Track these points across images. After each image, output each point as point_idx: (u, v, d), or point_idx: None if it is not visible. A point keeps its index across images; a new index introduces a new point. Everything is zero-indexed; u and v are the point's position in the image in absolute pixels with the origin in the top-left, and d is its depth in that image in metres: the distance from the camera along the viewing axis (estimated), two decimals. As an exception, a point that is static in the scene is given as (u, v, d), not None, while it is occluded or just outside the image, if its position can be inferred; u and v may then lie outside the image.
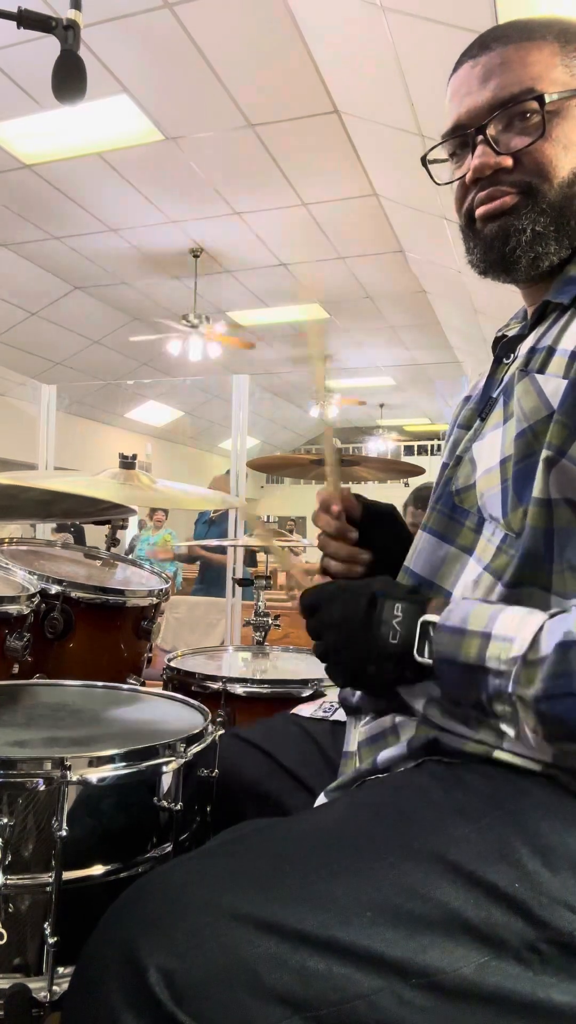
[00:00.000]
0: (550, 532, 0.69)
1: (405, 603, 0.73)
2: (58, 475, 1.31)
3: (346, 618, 0.74)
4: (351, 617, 0.74)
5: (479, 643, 0.66)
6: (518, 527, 0.71)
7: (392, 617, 0.72)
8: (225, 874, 0.62)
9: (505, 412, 0.77)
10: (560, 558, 0.69)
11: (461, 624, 0.68)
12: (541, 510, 0.69)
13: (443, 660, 0.68)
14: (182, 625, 4.44)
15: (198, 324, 6.84)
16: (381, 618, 0.72)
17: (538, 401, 0.71)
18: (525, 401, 0.72)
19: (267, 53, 3.82)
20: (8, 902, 0.77)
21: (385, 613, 0.72)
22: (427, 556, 0.81)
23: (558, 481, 0.68)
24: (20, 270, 6.81)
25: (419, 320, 8.18)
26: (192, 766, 0.91)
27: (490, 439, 0.77)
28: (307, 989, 0.55)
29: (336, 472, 0.95)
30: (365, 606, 0.73)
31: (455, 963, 0.57)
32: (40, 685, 1.26)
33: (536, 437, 0.70)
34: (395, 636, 0.71)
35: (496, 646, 0.64)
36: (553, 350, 0.73)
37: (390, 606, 0.73)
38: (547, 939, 0.58)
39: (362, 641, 0.73)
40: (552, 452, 0.68)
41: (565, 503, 0.69)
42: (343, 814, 0.70)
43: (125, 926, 0.59)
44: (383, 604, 0.73)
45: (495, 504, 0.74)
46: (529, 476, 0.70)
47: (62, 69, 1.05)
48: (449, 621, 0.69)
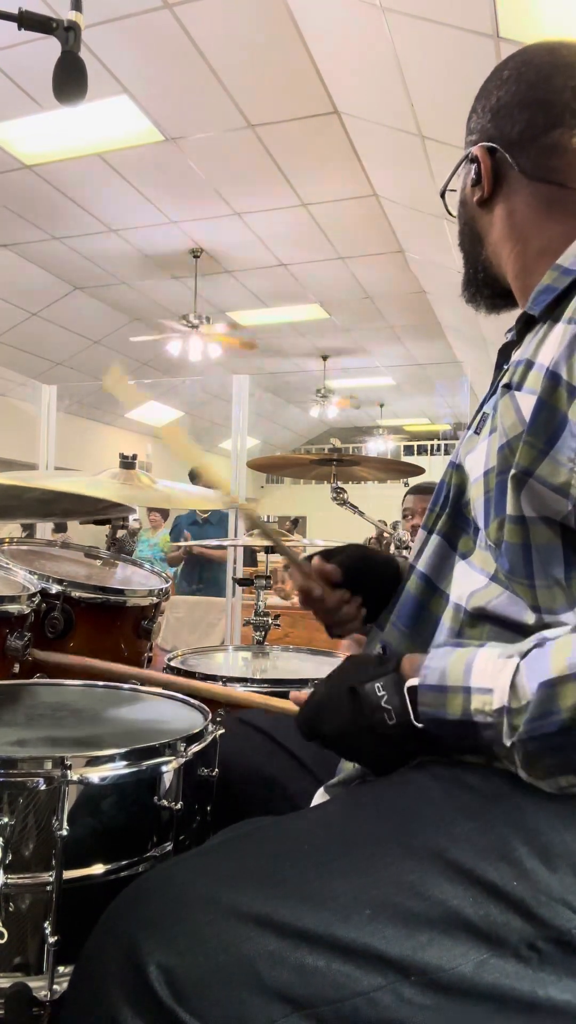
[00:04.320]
0: (527, 548, 0.69)
1: (383, 680, 0.72)
2: (58, 475, 1.32)
3: (340, 727, 0.73)
4: (344, 724, 0.73)
5: (462, 699, 0.65)
6: (495, 538, 0.72)
7: (378, 700, 0.71)
8: (225, 872, 0.62)
9: (492, 424, 0.77)
10: (545, 574, 0.68)
11: (441, 681, 0.67)
12: (516, 527, 0.69)
13: (433, 720, 0.68)
14: (182, 625, 4.44)
15: (198, 324, 6.84)
16: (370, 705, 0.71)
17: (515, 418, 0.71)
18: (505, 417, 0.72)
19: (267, 53, 3.82)
20: (9, 901, 0.77)
21: (371, 699, 0.71)
22: (433, 559, 0.82)
23: (530, 501, 0.68)
24: (20, 270, 6.81)
25: (419, 320, 8.18)
26: (192, 765, 0.91)
27: (479, 450, 0.78)
28: (307, 986, 0.55)
29: (291, 555, 0.94)
30: (350, 705, 0.72)
31: (454, 961, 0.57)
32: (40, 685, 1.26)
33: (512, 453, 0.70)
34: (391, 717, 0.70)
35: (478, 699, 0.64)
36: (532, 363, 0.72)
37: (370, 689, 0.71)
38: (546, 937, 0.58)
39: (366, 739, 0.72)
40: (519, 472, 0.68)
41: (542, 521, 0.68)
42: (343, 812, 0.71)
43: (125, 924, 0.60)
44: (363, 691, 0.72)
45: (480, 514, 0.75)
46: (505, 491, 0.70)
47: (63, 70, 1.05)
48: (428, 680, 0.68)
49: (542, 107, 0.81)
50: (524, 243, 0.84)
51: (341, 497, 2.21)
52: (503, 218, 0.86)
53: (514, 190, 0.84)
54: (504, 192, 0.85)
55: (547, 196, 0.82)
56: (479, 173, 0.85)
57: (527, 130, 0.82)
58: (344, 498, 2.21)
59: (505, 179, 0.85)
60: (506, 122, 0.83)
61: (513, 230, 0.85)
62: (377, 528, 2.90)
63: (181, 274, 6.96)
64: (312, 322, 8.43)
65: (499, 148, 0.84)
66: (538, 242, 0.82)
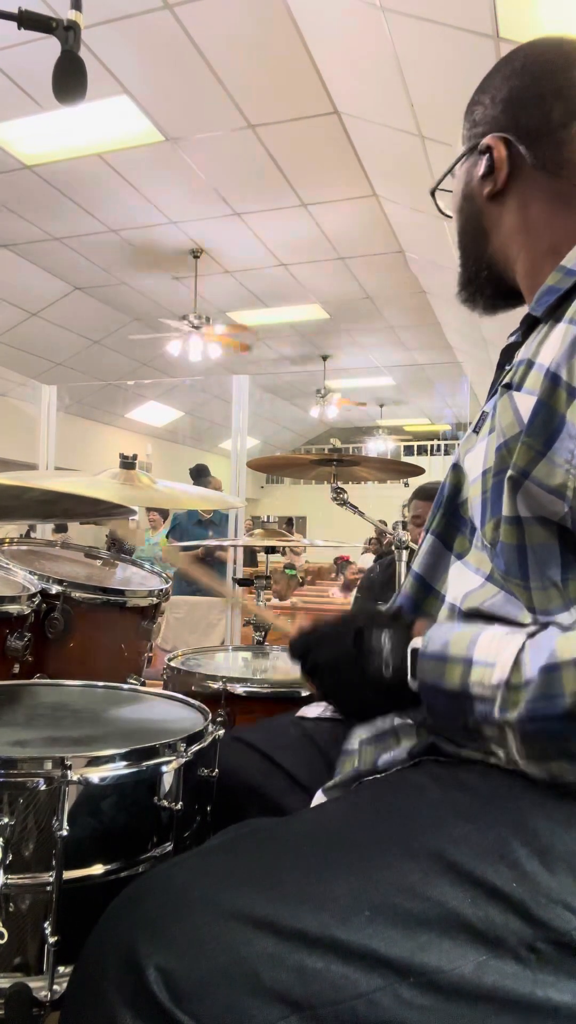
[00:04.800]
0: (523, 549, 0.69)
1: (391, 631, 0.72)
2: (58, 475, 1.32)
3: (336, 658, 0.74)
4: (341, 657, 0.74)
5: (461, 669, 0.66)
6: (491, 538, 0.72)
7: (381, 647, 0.72)
8: (224, 873, 0.62)
9: (490, 424, 0.77)
10: (540, 575, 0.68)
11: (442, 650, 0.68)
12: (511, 528, 0.69)
13: (428, 688, 0.68)
14: (182, 625, 4.44)
15: (198, 324, 6.84)
16: (371, 649, 0.72)
17: (513, 418, 0.71)
18: (503, 417, 0.72)
19: (267, 53, 3.82)
20: (9, 901, 0.77)
21: (373, 643, 0.72)
22: (429, 559, 0.82)
23: (526, 502, 0.68)
24: (20, 270, 6.81)
25: (419, 320, 8.18)
26: (192, 766, 0.91)
27: (478, 450, 0.78)
28: (306, 988, 0.55)
29: (275, 619, 0.96)
30: (353, 642, 0.73)
31: (453, 962, 0.57)
32: (40, 685, 1.26)
33: (509, 453, 0.70)
34: (388, 667, 0.71)
35: (478, 671, 0.64)
36: (532, 364, 0.72)
37: (377, 636, 0.72)
38: (545, 938, 0.58)
39: (356, 679, 0.73)
40: (516, 473, 0.68)
41: (537, 521, 0.68)
42: (342, 813, 0.71)
43: (124, 925, 0.60)
44: (369, 635, 0.73)
45: (477, 514, 0.75)
46: (502, 491, 0.70)
47: (62, 70, 1.05)
48: (430, 648, 0.69)
49: (560, 99, 0.79)
50: (535, 239, 0.82)
51: (341, 497, 2.20)
52: (515, 212, 0.83)
53: (527, 184, 0.82)
54: (517, 186, 0.82)
55: (559, 191, 0.80)
56: (492, 165, 0.83)
57: (544, 123, 0.80)
58: (344, 498, 2.21)
59: (519, 172, 0.82)
60: (522, 113, 0.81)
61: (525, 225, 0.83)
62: (377, 528, 2.90)
63: (181, 274, 6.96)
64: (312, 322, 8.43)
65: (514, 140, 0.81)
66: (548, 239, 0.81)
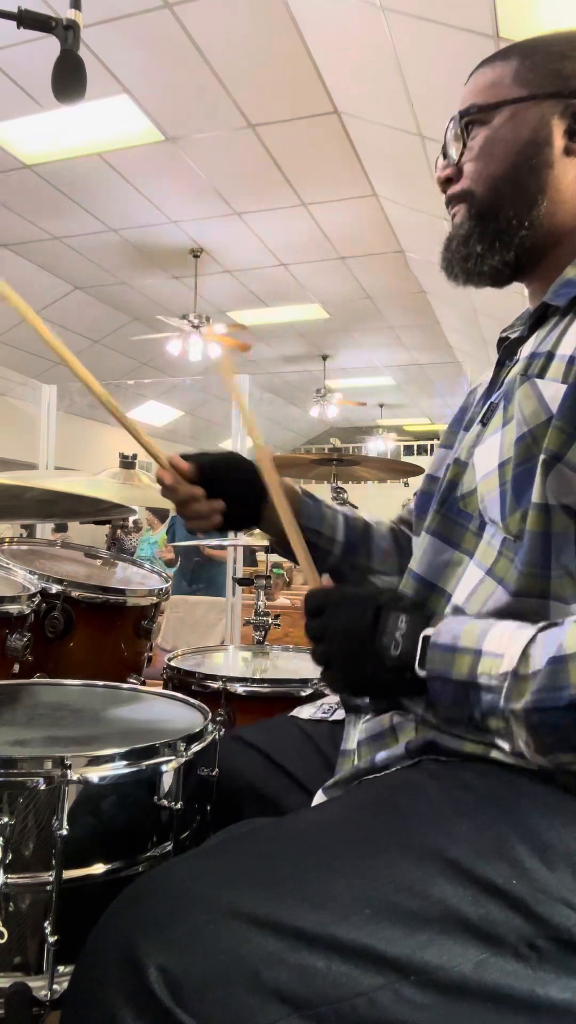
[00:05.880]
0: (547, 537, 0.69)
1: (409, 615, 0.73)
2: (58, 475, 1.32)
3: (350, 625, 0.74)
4: (355, 625, 0.74)
5: (470, 660, 0.66)
6: (516, 530, 0.71)
7: (395, 628, 0.72)
8: (224, 873, 0.62)
9: (504, 416, 0.76)
10: (557, 563, 0.69)
11: (453, 641, 0.68)
12: (539, 515, 0.69)
13: (436, 677, 0.68)
14: (182, 624, 4.44)
15: (198, 324, 6.84)
16: (385, 628, 0.72)
17: (538, 406, 0.71)
18: (525, 405, 0.72)
19: (267, 53, 3.82)
20: (8, 901, 0.77)
21: (389, 624, 0.72)
22: (429, 559, 0.82)
23: (555, 486, 0.68)
24: (20, 270, 6.81)
25: (419, 320, 8.18)
26: (192, 765, 0.91)
27: (489, 443, 0.77)
28: (306, 987, 0.55)
29: (151, 448, 0.99)
30: (372, 616, 0.73)
31: (454, 960, 0.57)
32: (40, 684, 1.26)
33: (535, 441, 0.70)
34: (396, 647, 0.71)
35: (487, 662, 0.64)
36: (552, 355, 0.73)
37: (394, 617, 0.73)
38: (545, 936, 0.58)
39: (364, 650, 0.73)
40: (548, 456, 0.68)
41: (562, 509, 0.69)
42: (341, 812, 0.71)
43: (124, 925, 0.59)
44: (388, 615, 0.73)
45: (494, 507, 0.74)
46: (528, 480, 0.70)
47: (62, 69, 1.05)
48: (441, 638, 0.69)
49: None
50: None
51: (341, 497, 2.21)
52: None
53: None
54: None
55: None
56: None
57: None
58: (344, 498, 2.21)
59: None
60: None
61: None
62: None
63: (181, 274, 6.96)
64: (312, 322, 8.43)
65: None
66: None
